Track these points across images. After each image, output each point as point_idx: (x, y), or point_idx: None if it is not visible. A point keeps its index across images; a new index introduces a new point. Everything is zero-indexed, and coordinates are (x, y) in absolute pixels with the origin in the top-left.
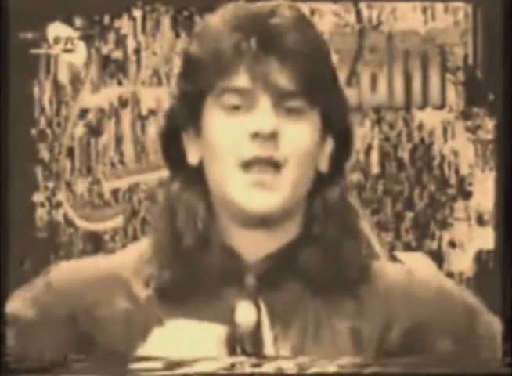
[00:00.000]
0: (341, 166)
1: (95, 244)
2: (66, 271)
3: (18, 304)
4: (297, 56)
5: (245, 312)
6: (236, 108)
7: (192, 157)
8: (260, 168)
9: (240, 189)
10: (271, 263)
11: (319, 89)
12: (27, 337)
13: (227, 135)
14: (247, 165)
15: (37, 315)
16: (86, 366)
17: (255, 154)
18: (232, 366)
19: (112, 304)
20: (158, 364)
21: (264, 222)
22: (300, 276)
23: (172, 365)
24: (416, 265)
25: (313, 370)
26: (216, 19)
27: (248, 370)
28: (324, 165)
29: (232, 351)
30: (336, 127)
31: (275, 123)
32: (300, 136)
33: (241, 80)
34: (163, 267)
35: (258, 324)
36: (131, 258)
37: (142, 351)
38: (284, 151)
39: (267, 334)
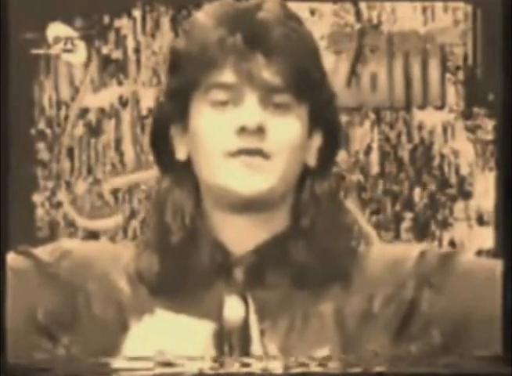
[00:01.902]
0: (330, 160)
1: None
2: (75, 243)
3: (20, 258)
4: (283, 51)
5: (233, 308)
6: (222, 103)
7: (181, 153)
8: (248, 155)
9: (229, 172)
10: (259, 256)
11: (306, 84)
12: (23, 290)
13: (213, 130)
14: (235, 155)
15: (36, 272)
16: (73, 365)
17: (240, 147)
18: (221, 365)
19: (110, 282)
20: (146, 363)
21: (252, 206)
22: (288, 269)
23: (160, 364)
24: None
25: (299, 369)
26: (202, 15)
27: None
28: (312, 159)
29: (219, 346)
30: (324, 122)
31: (262, 117)
32: (287, 131)
33: (227, 75)
34: (152, 261)
35: (246, 319)
36: (130, 249)
37: (131, 337)
38: (271, 144)
39: (254, 330)
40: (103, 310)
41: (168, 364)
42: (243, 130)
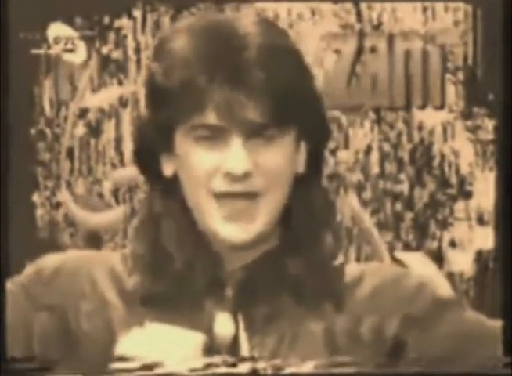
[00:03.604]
0: (318, 162)
1: (95, 244)
2: (62, 259)
3: (14, 288)
4: (267, 89)
5: (223, 325)
6: (207, 140)
7: (167, 169)
8: (234, 200)
9: (215, 221)
10: (248, 273)
11: (292, 115)
12: (17, 325)
13: (199, 167)
14: (220, 197)
15: (25, 303)
16: (66, 366)
17: (229, 190)
18: (208, 366)
19: (100, 299)
20: (135, 364)
21: (240, 247)
22: (279, 285)
23: (149, 365)
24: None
25: (288, 370)
26: (182, 46)
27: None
28: (301, 166)
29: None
30: (311, 132)
31: (248, 163)
32: (275, 162)
33: (210, 117)
34: (144, 275)
35: (235, 336)
36: (120, 259)
37: (119, 349)
38: (260, 183)
39: (244, 347)
40: (93, 328)
41: (157, 366)
42: (229, 175)
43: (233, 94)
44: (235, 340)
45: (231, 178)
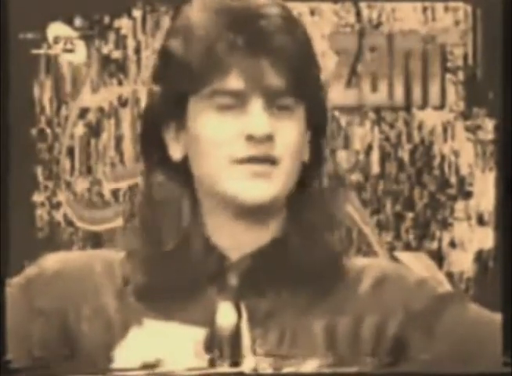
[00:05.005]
0: (321, 153)
1: (95, 244)
2: (58, 260)
3: (14, 290)
4: (286, 55)
5: (225, 314)
6: (228, 109)
7: (175, 153)
8: (256, 162)
9: (235, 180)
10: (255, 261)
11: (306, 86)
12: (16, 326)
13: (220, 136)
14: (242, 161)
15: (25, 304)
16: (67, 366)
17: (250, 154)
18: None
19: (98, 297)
20: (135, 364)
21: (252, 213)
22: (283, 274)
23: (150, 365)
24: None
25: (288, 369)
26: (200, 17)
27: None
28: (306, 156)
29: (209, 353)
30: (314, 117)
31: (270, 125)
32: (291, 133)
33: (233, 82)
34: (143, 264)
35: (237, 327)
36: (118, 254)
37: (119, 350)
38: (279, 149)
39: (245, 337)
40: (93, 328)
41: (158, 365)
42: (251, 138)
43: (255, 58)
44: (237, 331)
45: (253, 141)
